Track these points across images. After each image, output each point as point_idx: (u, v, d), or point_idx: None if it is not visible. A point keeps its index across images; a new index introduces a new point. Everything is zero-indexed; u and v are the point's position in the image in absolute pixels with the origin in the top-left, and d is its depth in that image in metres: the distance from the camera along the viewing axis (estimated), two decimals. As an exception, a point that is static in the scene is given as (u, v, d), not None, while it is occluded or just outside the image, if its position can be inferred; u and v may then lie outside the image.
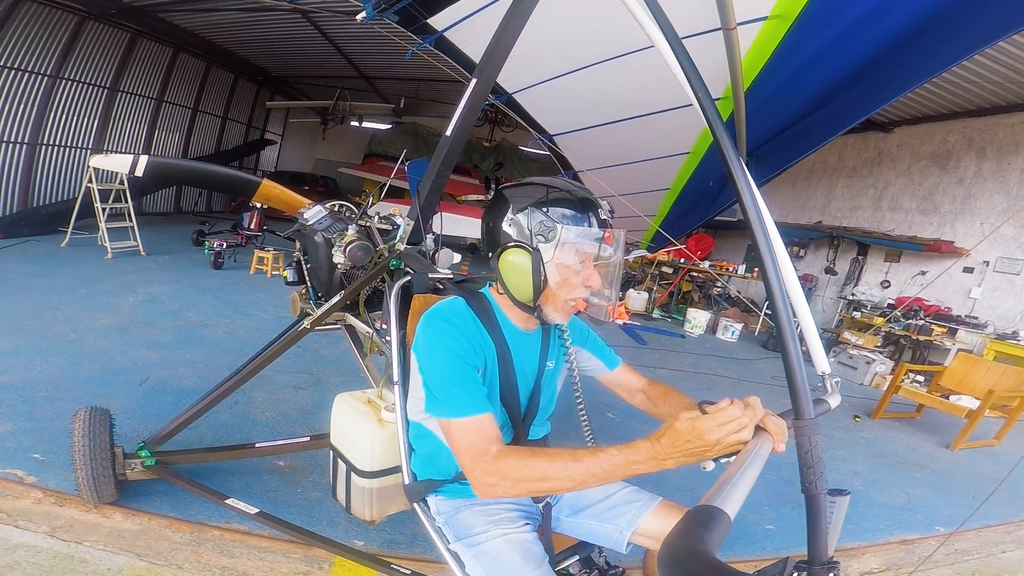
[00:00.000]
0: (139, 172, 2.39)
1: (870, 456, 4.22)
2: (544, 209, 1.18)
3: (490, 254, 1.26)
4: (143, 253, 7.97)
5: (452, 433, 1.10)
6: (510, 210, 1.21)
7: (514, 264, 1.19)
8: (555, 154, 4.35)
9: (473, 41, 2.90)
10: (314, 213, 2.61)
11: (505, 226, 1.21)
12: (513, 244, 1.19)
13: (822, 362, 1.21)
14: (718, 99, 2.58)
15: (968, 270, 8.31)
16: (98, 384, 3.34)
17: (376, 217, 2.72)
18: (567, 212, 1.18)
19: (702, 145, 3.24)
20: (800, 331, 1.14)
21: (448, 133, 2.00)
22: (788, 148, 2.69)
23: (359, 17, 2.90)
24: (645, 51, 2.41)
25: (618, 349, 6.14)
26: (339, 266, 2.47)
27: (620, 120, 3.31)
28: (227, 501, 2.12)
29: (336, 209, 2.72)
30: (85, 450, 2.03)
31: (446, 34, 2.97)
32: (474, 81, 1.92)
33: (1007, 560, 2.95)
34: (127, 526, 2.13)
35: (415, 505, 1.42)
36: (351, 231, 2.43)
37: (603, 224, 1.20)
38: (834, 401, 1.10)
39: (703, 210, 4.43)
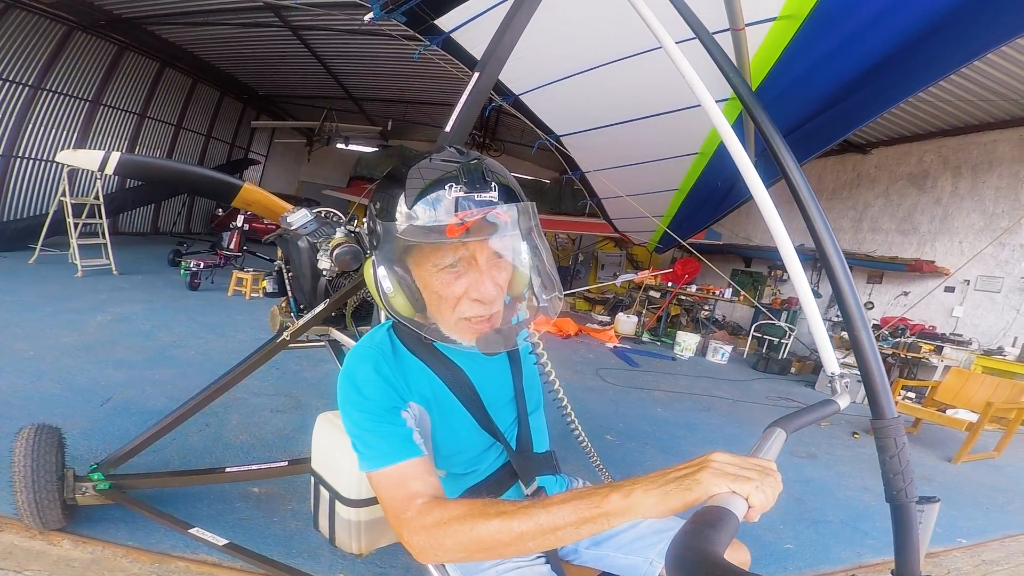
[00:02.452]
0: (110, 170, 2.21)
1: (876, 471, 4.00)
2: (379, 200, 0.89)
3: None
4: (116, 272, 7.68)
5: (375, 488, 0.90)
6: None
7: (367, 278, 0.94)
8: (562, 155, 4.28)
9: (481, 43, 2.84)
10: (299, 217, 2.44)
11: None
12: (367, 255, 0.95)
13: (831, 363, 1.11)
14: (726, 100, 2.52)
15: (950, 289, 8.41)
16: (55, 403, 3.10)
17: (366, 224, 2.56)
18: (403, 196, 0.85)
19: (710, 145, 3.21)
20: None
21: (447, 129, 1.86)
22: (797, 148, 2.63)
23: (367, 17, 2.83)
24: (653, 52, 2.35)
25: (611, 371, 5.97)
26: (324, 273, 2.30)
27: (628, 120, 3.27)
28: (191, 530, 1.89)
29: (323, 215, 2.57)
30: (27, 471, 1.82)
31: (453, 35, 2.90)
32: (476, 75, 1.79)
33: (1037, 569, 2.89)
34: (76, 554, 1.90)
35: None
36: (339, 234, 2.28)
37: (467, 204, 0.83)
38: (843, 402, 0.99)
39: (711, 211, 4.40)
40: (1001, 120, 7.69)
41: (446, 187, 0.84)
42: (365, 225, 0.92)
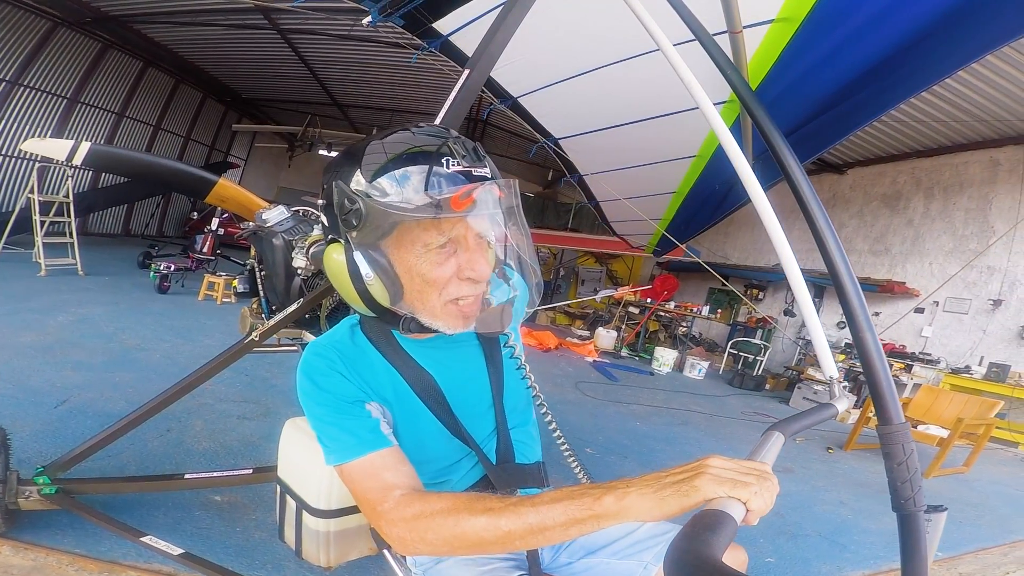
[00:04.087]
0: (78, 160, 2.11)
1: (851, 486, 4.17)
2: (352, 173, 0.81)
3: None
4: (82, 273, 7.41)
5: (346, 483, 0.87)
6: (322, 191, 0.86)
7: (332, 265, 0.86)
8: (560, 158, 4.28)
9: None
10: (275, 214, 2.36)
11: (324, 217, 0.88)
12: (331, 238, 0.87)
13: (830, 366, 1.09)
14: (724, 102, 2.53)
15: (919, 310, 8.60)
16: (5, 404, 2.92)
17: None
18: (397, 169, 0.78)
19: (708, 148, 3.22)
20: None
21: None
22: (795, 151, 2.69)
23: (365, 21, 2.82)
24: (651, 54, 2.35)
25: (591, 385, 5.93)
26: (299, 272, 2.21)
27: (626, 123, 3.29)
28: (143, 539, 1.76)
29: (301, 213, 2.48)
30: None
31: (451, 38, 2.89)
32: (467, 72, 1.75)
33: (1013, 581, 2.93)
34: (17, 561, 1.77)
35: (386, 552, 1.14)
36: (316, 231, 2.20)
37: (468, 176, 0.79)
38: (842, 405, 0.97)
39: (709, 214, 4.42)
40: (973, 141, 7.93)
41: (443, 160, 0.79)
42: (334, 205, 0.82)
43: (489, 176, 0.83)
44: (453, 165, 0.79)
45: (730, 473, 0.62)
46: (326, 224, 0.88)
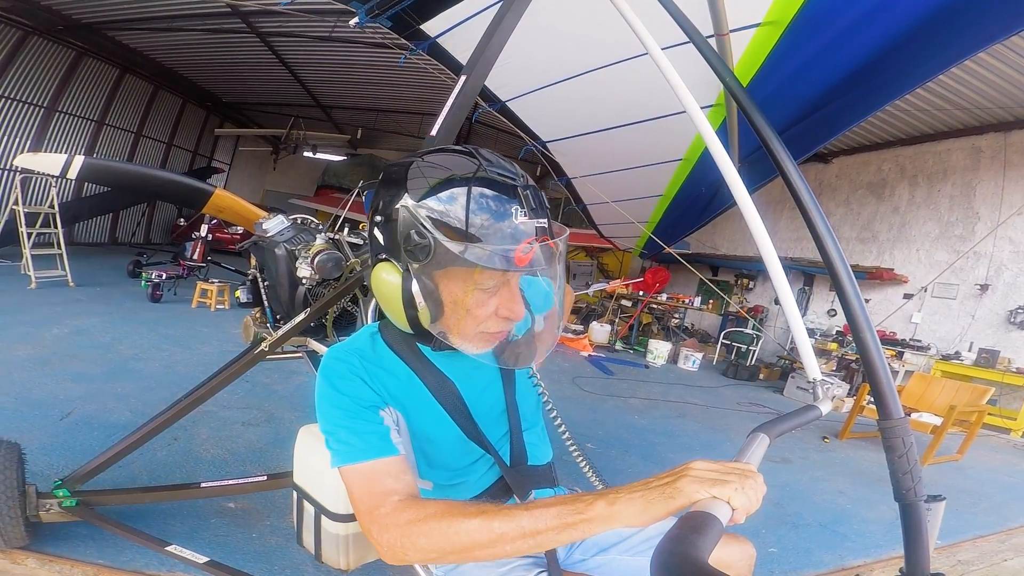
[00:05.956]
0: (72, 175, 2.12)
1: (848, 475, 4.23)
2: (421, 203, 0.84)
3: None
4: (72, 284, 7.35)
5: (345, 484, 0.89)
6: (380, 204, 0.90)
7: (383, 286, 0.90)
8: (548, 160, 4.30)
9: (467, 48, 2.90)
10: (275, 224, 2.37)
11: (376, 229, 0.91)
12: (383, 257, 0.91)
13: (813, 368, 1.13)
14: (711, 106, 2.57)
15: (908, 296, 8.72)
16: (10, 418, 2.92)
17: (346, 230, 2.53)
18: (467, 216, 0.81)
19: (695, 152, 3.26)
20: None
21: (433, 133, 1.84)
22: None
23: (352, 22, 2.83)
24: (639, 58, 2.38)
25: (587, 380, 5.93)
26: (304, 281, 2.24)
27: (614, 127, 3.31)
28: (168, 548, 1.79)
29: (300, 222, 2.50)
30: None
31: (439, 40, 2.90)
32: (463, 79, 1.77)
33: (1012, 568, 2.95)
34: (43, 574, 1.81)
35: None
36: (319, 241, 2.22)
37: (530, 230, 0.83)
38: (825, 408, 1.02)
39: (695, 218, 4.47)
40: (955, 129, 8.05)
41: (512, 209, 0.83)
42: (398, 232, 0.86)
43: (546, 227, 0.86)
44: (521, 216, 0.83)
45: (711, 474, 0.65)
46: (380, 242, 0.90)
